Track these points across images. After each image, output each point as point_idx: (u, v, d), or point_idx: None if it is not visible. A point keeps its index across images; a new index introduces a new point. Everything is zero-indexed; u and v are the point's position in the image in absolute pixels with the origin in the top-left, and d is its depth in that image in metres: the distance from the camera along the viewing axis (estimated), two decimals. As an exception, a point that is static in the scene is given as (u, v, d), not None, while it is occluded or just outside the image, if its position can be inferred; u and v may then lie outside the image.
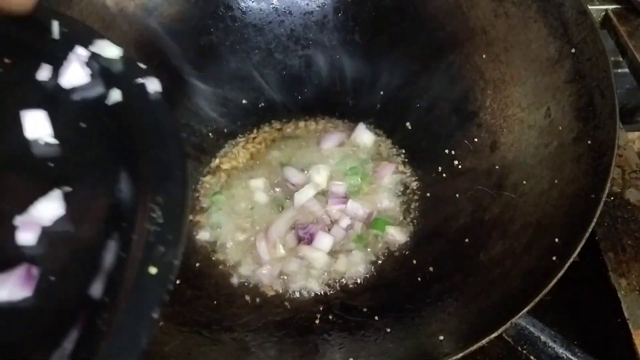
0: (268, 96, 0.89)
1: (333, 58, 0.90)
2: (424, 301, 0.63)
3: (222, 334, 0.62)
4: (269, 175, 0.81)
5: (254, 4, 0.88)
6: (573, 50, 0.67)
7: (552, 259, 0.55)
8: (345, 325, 0.64)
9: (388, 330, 0.61)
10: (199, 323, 0.62)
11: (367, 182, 0.80)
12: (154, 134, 0.36)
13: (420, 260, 0.71)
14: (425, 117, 0.83)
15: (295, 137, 0.86)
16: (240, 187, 0.80)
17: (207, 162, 0.83)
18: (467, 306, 0.60)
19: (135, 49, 0.79)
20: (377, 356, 0.59)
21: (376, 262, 0.73)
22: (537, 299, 0.52)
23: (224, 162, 0.83)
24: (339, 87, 0.90)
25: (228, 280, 0.71)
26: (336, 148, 0.84)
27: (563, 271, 0.53)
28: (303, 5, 0.89)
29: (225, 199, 0.78)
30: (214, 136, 0.85)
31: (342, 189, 0.78)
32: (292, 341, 0.62)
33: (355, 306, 0.67)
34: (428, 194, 0.78)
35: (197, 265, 0.72)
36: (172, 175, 0.35)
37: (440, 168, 0.79)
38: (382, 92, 0.87)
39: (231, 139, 0.86)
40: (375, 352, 0.59)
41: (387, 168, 0.81)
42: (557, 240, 0.57)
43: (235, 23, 0.88)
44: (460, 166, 0.77)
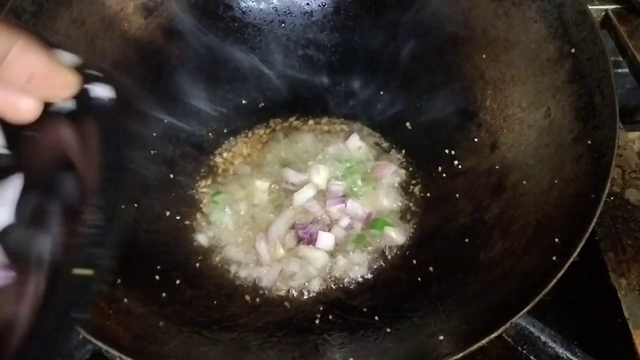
0: (268, 96, 0.89)
1: (333, 58, 0.90)
2: (424, 301, 0.63)
3: (222, 334, 0.62)
4: (269, 175, 0.81)
5: (254, 4, 0.88)
6: (573, 50, 0.67)
7: (552, 259, 0.55)
8: (345, 325, 0.64)
9: (388, 330, 0.61)
10: (199, 323, 0.62)
11: (367, 182, 0.80)
12: (99, 141, 0.36)
13: (420, 260, 0.71)
14: (425, 117, 0.83)
15: (295, 137, 0.86)
16: (240, 187, 0.80)
17: (207, 162, 0.83)
18: (467, 306, 0.60)
19: (135, 49, 0.79)
20: (377, 356, 0.59)
21: (376, 262, 0.73)
22: (537, 299, 0.52)
23: (224, 162, 0.83)
24: (339, 87, 0.89)
25: (228, 280, 0.71)
26: (336, 148, 0.84)
27: (563, 271, 0.53)
28: (303, 5, 0.89)
29: (225, 199, 0.78)
30: (214, 136, 0.85)
31: (342, 189, 0.78)
32: (292, 341, 0.62)
33: (355, 306, 0.67)
34: (428, 194, 0.78)
35: (197, 265, 0.72)
36: (111, 179, 0.35)
37: (440, 168, 0.79)
38: (382, 92, 0.87)
39: (231, 139, 0.86)
40: (375, 352, 0.59)
41: (387, 168, 0.81)
42: (557, 240, 0.57)
43: (235, 23, 0.88)
44: (460, 166, 0.77)
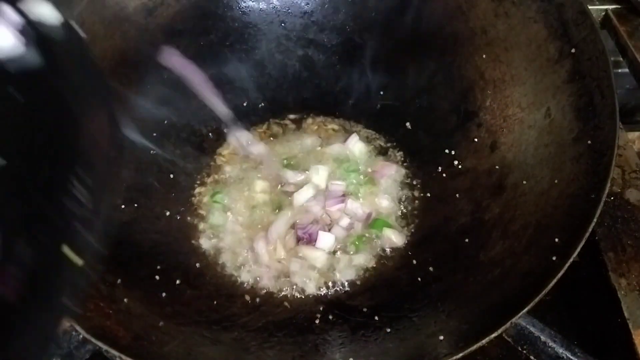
0: (268, 96, 0.89)
1: (333, 58, 0.90)
2: (424, 301, 0.63)
3: (222, 334, 0.62)
4: (269, 175, 0.81)
5: (254, 4, 0.88)
6: (573, 50, 0.67)
7: (552, 259, 0.55)
8: (345, 325, 0.64)
9: (388, 330, 0.61)
10: (199, 323, 0.62)
11: (367, 182, 0.80)
12: (86, 99, 0.32)
13: (420, 260, 0.71)
14: (425, 117, 0.83)
15: (294, 137, 0.86)
16: (240, 187, 0.80)
17: (207, 162, 0.83)
18: (467, 306, 0.60)
19: (135, 49, 0.79)
20: (377, 356, 0.59)
21: (376, 262, 0.73)
22: (537, 299, 0.52)
23: (224, 162, 0.83)
24: (339, 87, 0.89)
25: (228, 280, 0.71)
26: (335, 148, 0.84)
27: (563, 271, 0.53)
28: (303, 5, 0.89)
29: (224, 199, 0.78)
30: (214, 136, 0.85)
31: (342, 189, 0.78)
32: (292, 341, 0.62)
33: (355, 306, 0.67)
34: (428, 194, 0.78)
35: (197, 265, 0.72)
36: (101, 152, 0.31)
37: (440, 168, 0.79)
38: (382, 92, 0.87)
39: (231, 139, 0.86)
40: (375, 352, 0.59)
41: (387, 168, 0.81)
42: (557, 240, 0.57)
43: (235, 23, 0.88)
44: (460, 166, 0.77)
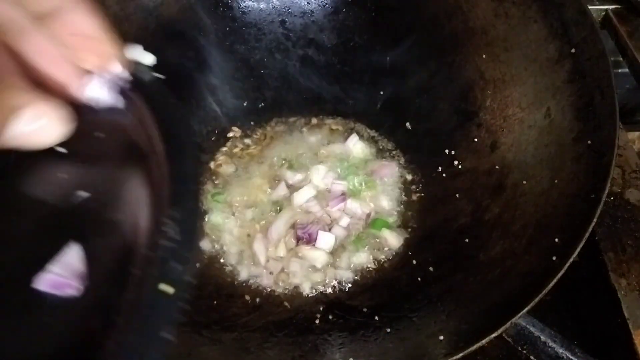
0: (268, 96, 0.89)
1: (333, 58, 0.90)
2: (424, 301, 0.63)
3: (222, 334, 0.62)
4: (269, 175, 0.81)
5: (254, 4, 0.88)
6: (573, 50, 0.67)
7: (552, 259, 0.55)
8: (345, 325, 0.64)
9: (388, 330, 0.61)
10: (199, 323, 0.62)
11: (367, 182, 0.80)
12: (171, 143, 0.34)
13: (420, 260, 0.71)
14: (425, 117, 0.83)
15: (294, 137, 0.86)
16: (239, 188, 0.80)
17: (207, 162, 0.83)
18: (467, 306, 0.59)
19: (135, 49, 0.79)
20: (377, 356, 0.59)
21: (376, 262, 0.73)
22: (537, 299, 0.51)
23: (224, 162, 0.83)
24: (339, 87, 0.89)
25: (228, 280, 0.71)
26: (335, 148, 0.84)
27: (563, 271, 0.53)
28: (303, 5, 0.89)
29: (224, 199, 0.78)
30: (214, 136, 0.85)
31: (342, 189, 0.78)
32: (292, 341, 0.62)
33: (355, 306, 0.67)
34: (428, 194, 0.78)
35: (197, 265, 0.72)
36: (188, 188, 0.32)
37: (440, 168, 0.79)
38: (382, 92, 0.87)
39: (231, 139, 0.86)
40: (375, 352, 0.59)
41: (387, 168, 0.81)
42: (557, 240, 0.57)
43: (235, 23, 0.88)
44: (460, 166, 0.77)
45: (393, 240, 0.74)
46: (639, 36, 0.89)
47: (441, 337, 0.55)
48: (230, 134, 0.86)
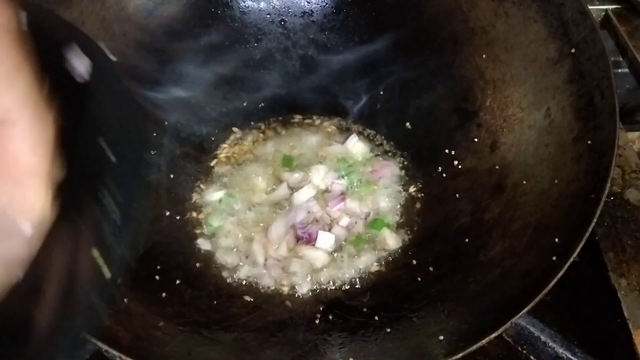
0: (268, 96, 0.89)
1: (333, 58, 0.90)
2: (424, 301, 0.63)
3: (222, 334, 0.62)
4: (269, 175, 0.81)
5: (254, 4, 0.88)
6: (573, 50, 0.67)
7: (552, 259, 0.55)
8: (345, 325, 0.64)
9: (388, 330, 0.61)
10: (199, 323, 0.62)
11: (367, 182, 0.80)
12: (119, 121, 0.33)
13: (420, 260, 0.71)
14: (425, 117, 0.83)
15: (294, 138, 0.86)
16: (239, 187, 0.80)
17: (207, 162, 0.83)
18: (467, 306, 0.60)
19: (135, 49, 0.79)
20: (377, 356, 0.59)
21: (376, 262, 0.73)
22: (537, 299, 0.52)
23: (224, 162, 0.83)
24: (339, 87, 0.89)
25: (228, 280, 0.71)
26: (335, 148, 0.84)
27: (563, 271, 0.53)
28: (303, 5, 0.89)
29: (224, 199, 0.78)
30: (214, 136, 0.85)
31: (342, 189, 0.78)
32: (292, 341, 0.62)
33: (355, 306, 0.67)
34: (428, 194, 0.78)
35: (197, 265, 0.72)
36: (131, 171, 0.32)
37: (440, 168, 0.79)
38: (382, 92, 0.87)
39: (231, 139, 0.86)
40: (375, 352, 0.59)
41: (386, 168, 0.81)
42: (557, 240, 0.57)
43: (235, 23, 0.88)
44: (460, 166, 0.77)
45: (393, 240, 0.74)
46: (639, 36, 0.89)
47: (441, 337, 0.55)
48: (230, 134, 0.86)
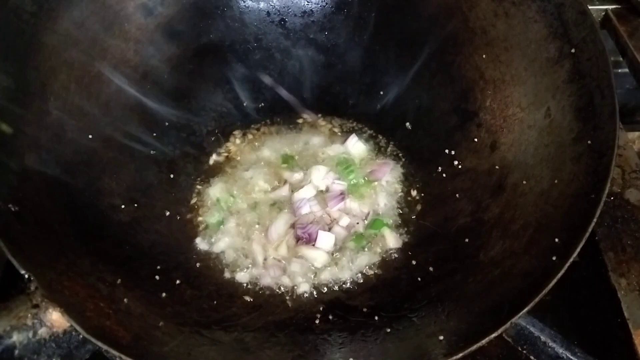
0: (268, 96, 0.89)
1: (333, 58, 0.90)
2: (424, 301, 0.63)
3: (222, 334, 0.61)
4: (269, 175, 0.81)
5: (254, 4, 0.88)
6: (573, 50, 0.67)
7: (552, 259, 0.55)
8: (345, 325, 0.64)
9: (388, 330, 0.61)
10: (199, 323, 0.62)
11: (367, 182, 0.80)
12: None
13: (420, 260, 0.71)
14: (425, 117, 0.83)
15: (294, 138, 0.86)
16: (240, 187, 0.80)
17: (207, 162, 0.83)
18: (467, 306, 0.59)
19: (135, 49, 0.79)
20: (377, 356, 0.59)
21: (376, 262, 0.73)
22: (537, 299, 0.52)
23: (224, 162, 0.83)
24: (339, 87, 0.89)
25: (228, 280, 0.71)
26: (335, 148, 0.84)
27: (563, 271, 0.53)
28: (303, 5, 0.89)
29: (225, 199, 0.78)
30: (214, 136, 0.85)
31: (342, 189, 0.78)
32: (292, 341, 0.62)
33: (355, 306, 0.67)
34: (428, 194, 0.78)
35: (197, 265, 0.72)
36: None
37: (440, 168, 0.79)
38: (382, 92, 0.87)
39: (231, 139, 0.86)
40: (375, 352, 0.59)
41: (386, 168, 0.81)
42: (557, 240, 0.57)
43: (235, 23, 0.88)
44: (460, 166, 0.77)
45: (393, 240, 0.74)
46: (639, 36, 0.89)
47: (441, 337, 0.55)
48: (230, 134, 0.86)
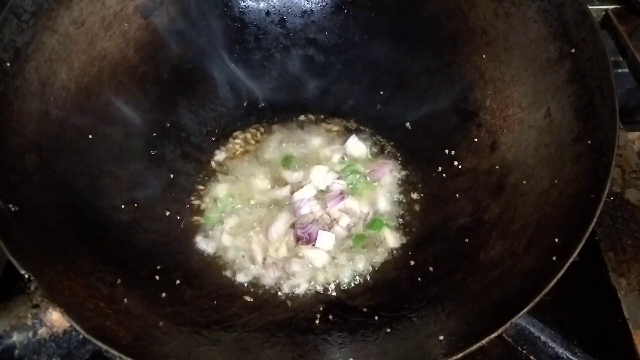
0: (268, 96, 0.89)
1: (333, 58, 0.90)
2: (424, 301, 0.63)
3: (222, 334, 0.61)
4: (269, 175, 0.81)
5: (254, 4, 0.88)
6: (573, 50, 0.67)
7: (552, 259, 0.55)
8: (345, 325, 0.64)
9: (388, 330, 0.61)
10: (199, 323, 0.62)
11: (366, 182, 0.80)
12: None
13: (420, 260, 0.71)
14: (425, 117, 0.83)
15: (294, 138, 0.86)
16: (239, 187, 0.80)
17: (207, 162, 0.83)
18: (467, 306, 0.60)
19: (135, 49, 0.79)
20: (377, 356, 0.59)
21: (376, 262, 0.73)
22: (537, 299, 0.51)
23: (224, 162, 0.83)
24: (339, 87, 0.89)
25: (228, 280, 0.71)
26: (335, 148, 0.84)
27: (563, 271, 0.53)
28: (303, 5, 0.89)
29: (224, 199, 0.78)
30: (214, 136, 0.85)
31: (342, 189, 0.78)
32: (292, 341, 0.62)
33: (355, 306, 0.67)
34: (428, 194, 0.78)
35: (197, 265, 0.72)
36: None
37: (440, 168, 0.79)
38: (382, 92, 0.87)
39: (231, 139, 0.86)
40: (375, 352, 0.59)
41: (386, 168, 0.81)
42: (557, 240, 0.57)
43: (235, 23, 0.88)
44: (460, 166, 0.77)
45: (393, 240, 0.74)
46: (639, 36, 0.89)
47: (441, 337, 0.55)
48: (230, 134, 0.86)
